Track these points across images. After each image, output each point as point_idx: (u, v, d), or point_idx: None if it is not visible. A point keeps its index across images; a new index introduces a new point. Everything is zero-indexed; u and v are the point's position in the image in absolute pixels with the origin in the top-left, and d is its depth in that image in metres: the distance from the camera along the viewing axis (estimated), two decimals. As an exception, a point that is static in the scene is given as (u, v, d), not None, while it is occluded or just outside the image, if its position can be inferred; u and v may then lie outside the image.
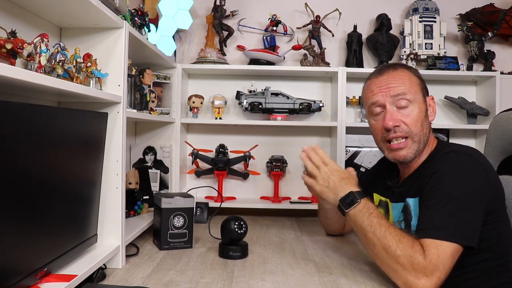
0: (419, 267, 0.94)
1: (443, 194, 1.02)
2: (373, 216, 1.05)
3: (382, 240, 1.00)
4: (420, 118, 1.14)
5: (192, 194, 1.43)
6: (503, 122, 1.29)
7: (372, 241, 1.03)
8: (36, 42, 0.86)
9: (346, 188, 1.12)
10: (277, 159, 2.03)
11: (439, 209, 1.00)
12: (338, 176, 1.16)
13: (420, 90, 1.17)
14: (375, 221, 1.03)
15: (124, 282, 1.06)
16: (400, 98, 1.13)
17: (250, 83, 2.05)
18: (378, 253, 1.02)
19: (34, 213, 0.84)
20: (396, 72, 1.17)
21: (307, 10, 2.11)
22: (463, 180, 1.03)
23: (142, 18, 1.43)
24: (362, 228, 1.05)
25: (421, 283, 0.93)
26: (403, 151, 1.14)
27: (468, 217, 0.99)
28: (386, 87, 1.15)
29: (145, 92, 1.48)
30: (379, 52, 2.07)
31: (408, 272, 0.95)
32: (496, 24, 2.05)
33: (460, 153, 1.08)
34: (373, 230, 1.02)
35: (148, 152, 1.87)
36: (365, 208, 1.07)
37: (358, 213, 1.07)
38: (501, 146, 1.31)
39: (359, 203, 1.08)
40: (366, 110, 1.24)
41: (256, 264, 1.23)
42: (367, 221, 1.05)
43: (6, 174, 0.73)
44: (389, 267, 0.99)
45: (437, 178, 1.05)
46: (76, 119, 0.99)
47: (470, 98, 2.10)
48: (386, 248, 0.99)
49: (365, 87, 1.24)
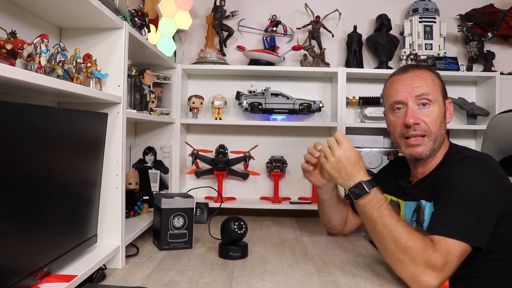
0: (428, 262, 0.95)
1: (457, 196, 1.04)
2: (384, 207, 1.06)
3: (392, 232, 1.01)
4: (439, 119, 1.17)
5: (192, 195, 1.43)
6: (501, 124, 1.29)
7: (381, 233, 1.03)
8: (36, 42, 0.86)
9: (357, 176, 1.13)
10: (277, 159, 2.03)
11: (452, 209, 1.02)
12: (349, 161, 1.15)
13: (441, 92, 1.20)
14: (386, 213, 1.04)
15: (124, 282, 1.06)
16: (422, 98, 1.16)
17: (250, 84, 2.05)
18: (386, 244, 1.02)
19: (34, 213, 0.84)
20: (420, 71, 1.21)
21: (307, 10, 2.11)
22: (477, 184, 1.05)
23: (142, 19, 1.43)
24: (371, 219, 1.07)
25: (427, 278, 0.95)
26: (419, 147, 1.16)
27: (480, 219, 1.01)
28: (410, 86, 1.18)
29: (145, 92, 1.49)
30: (379, 52, 2.07)
31: (416, 265, 0.96)
32: (496, 25, 2.05)
33: (476, 158, 1.11)
34: (383, 222, 1.03)
35: (148, 153, 1.87)
36: (375, 199, 1.08)
37: (368, 203, 1.08)
38: (499, 147, 1.31)
39: (368, 194, 1.09)
40: (387, 106, 1.26)
41: (256, 264, 1.23)
42: (377, 212, 1.06)
43: (6, 174, 0.73)
44: (397, 259, 1.00)
45: (453, 181, 1.07)
46: (76, 120, 0.99)
47: (470, 99, 2.10)
48: (397, 240, 0.99)
49: (388, 84, 1.26)
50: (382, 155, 1.96)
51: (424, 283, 0.95)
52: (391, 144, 2.08)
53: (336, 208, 1.48)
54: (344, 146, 1.18)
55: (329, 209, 1.48)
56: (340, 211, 1.49)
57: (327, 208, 1.48)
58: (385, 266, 1.23)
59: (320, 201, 1.48)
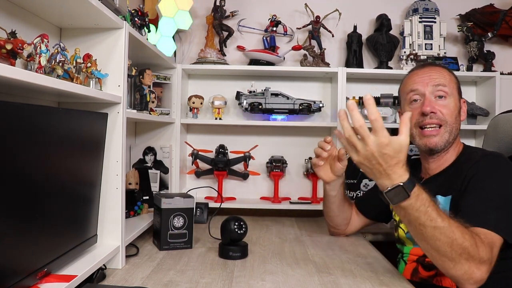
0: (481, 257, 0.94)
1: (490, 190, 1.06)
2: (431, 209, 0.94)
3: (447, 234, 0.92)
4: (455, 112, 1.21)
5: (192, 195, 1.43)
6: (501, 124, 1.30)
7: (433, 236, 0.93)
8: (36, 42, 0.86)
9: (393, 177, 0.92)
10: (277, 159, 2.03)
11: (487, 203, 1.03)
12: (385, 159, 0.91)
13: (457, 89, 1.25)
14: (434, 215, 0.93)
15: (124, 282, 1.06)
16: (439, 89, 1.20)
17: (250, 84, 2.05)
18: (440, 247, 0.94)
19: (34, 213, 0.84)
20: (438, 67, 1.26)
21: (307, 10, 2.11)
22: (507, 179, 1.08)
23: (142, 19, 1.43)
24: (418, 222, 0.94)
25: (479, 272, 0.93)
26: (435, 138, 1.18)
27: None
28: (428, 77, 1.22)
29: (145, 92, 1.49)
30: (379, 52, 2.07)
31: (471, 263, 0.93)
32: (496, 25, 2.05)
33: (497, 156, 1.15)
34: (433, 225, 0.93)
35: (148, 153, 1.87)
36: (419, 202, 0.93)
37: (410, 207, 0.93)
38: (499, 147, 1.32)
39: (410, 198, 0.92)
40: (404, 98, 1.28)
41: (256, 264, 1.23)
42: (424, 216, 0.93)
43: (6, 174, 0.73)
44: (451, 260, 0.94)
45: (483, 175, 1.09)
46: (76, 120, 0.99)
47: (470, 99, 2.10)
48: (452, 241, 0.92)
49: (406, 79, 1.30)
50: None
51: (477, 278, 0.94)
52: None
53: (341, 206, 1.47)
54: (382, 138, 0.90)
55: (335, 206, 1.47)
56: (345, 209, 1.49)
57: (333, 205, 1.46)
58: (385, 266, 1.23)
59: (326, 197, 1.47)
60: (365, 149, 0.92)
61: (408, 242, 1.28)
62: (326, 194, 1.47)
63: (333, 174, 1.39)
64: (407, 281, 1.11)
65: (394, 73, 2.00)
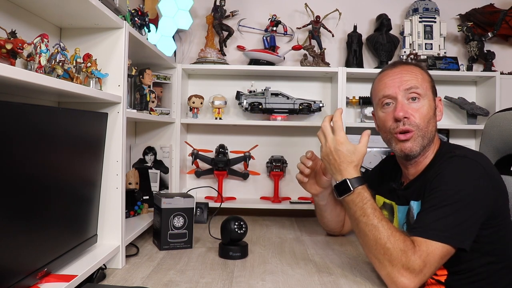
0: (406, 263, 0.94)
1: (441, 196, 1.02)
2: (367, 206, 1.04)
3: (373, 231, 1.01)
4: (429, 115, 1.15)
5: (192, 194, 1.43)
6: (498, 123, 1.30)
7: (363, 231, 1.03)
8: (36, 42, 0.86)
9: (344, 172, 1.10)
10: (277, 159, 2.03)
11: (434, 210, 1.00)
12: (338, 154, 1.10)
13: (430, 88, 1.19)
14: (369, 212, 1.03)
15: (124, 282, 1.06)
16: (412, 92, 1.14)
17: (250, 83, 2.05)
18: (367, 243, 1.03)
19: (34, 213, 0.84)
20: (409, 66, 1.20)
21: (307, 10, 2.11)
22: (462, 183, 1.02)
23: (142, 19, 1.43)
24: (354, 217, 1.07)
25: (404, 279, 0.95)
26: (409, 142, 1.14)
27: (463, 220, 0.98)
28: (399, 79, 1.16)
29: (145, 92, 1.49)
30: (379, 52, 2.07)
31: (393, 266, 0.96)
32: (496, 25, 2.05)
33: (463, 157, 1.07)
34: (365, 221, 1.03)
35: (148, 152, 1.87)
36: (358, 198, 1.06)
37: (351, 202, 1.07)
38: (497, 146, 1.31)
39: (352, 193, 1.07)
40: (376, 102, 1.23)
41: (256, 264, 1.23)
42: (360, 211, 1.05)
43: (6, 174, 0.73)
44: (376, 258, 1.01)
45: (438, 181, 1.05)
46: (76, 119, 0.99)
47: (470, 98, 2.10)
48: (376, 239, 1.00)
49: (376, 80, 1.24)
50: (382, 155, 1.96)
51: (400, 284, 0.95)
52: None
53: (333, 211, 1.47)
54: (338, 137, 1.11)
55: (327, 213, 1.48)
56: (337, 214, 1.49)
57: (325, 212, 1.48)
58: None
59: (317, 206, 1.48)
60: (326, 145, 1.13)
61: None
62: (316, 204, 1.48)
63: (320, 187, 1.40)
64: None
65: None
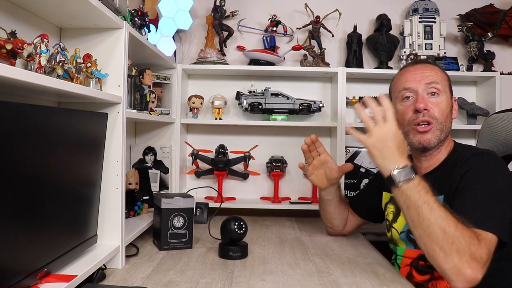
0: (474, 253, 0.91)
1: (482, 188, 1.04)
2: (430, 195, 0.99)
3: (440, 220, 0.95)
4: (447, 110, 1.20)
5: (192, 195, 1.43)
6: (496, 124, 1.30)
7: (427, 220, 0.96)
8: (36, 42, 0.86)
9: (401, 159, 1.03)
10: (277, 159, 2.03)
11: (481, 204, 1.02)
12: (395, 142, 1.04)
13: (449, 86, 1.24)
14: (433, 200, 0.98)
15: (124, 282, 1.06)
16: (432, 86, 1.19)
17: (250, 84, 2.05)
18: (432, 232, 0.95)
19: (34, 213, 0.84)
20: (430, 64, 1.26)
21: (307, 10, 2.11)
22: (498, 177, 1.07)
23: (142, 19, 1.43)
24: (416, 205, 0.98)
25: (471, 270, 0.91)
26: (428, 134, 1.17)
27: (505, 213, 1.02)
28: (421, 74, 1.20)
29: (145, 92, 1.49)
30: (379, 52, 2.07)
31: (462, 256, 0.91)
32: (496, 25, 2.05)
33: (488, 153, 1.14)
34: (430, 208, 0.96)
35: (148, 153, 1.87)
36: (420, 185, 1.00)
37: (413, 188, 1.00)
38: (494, 147, 1.32)
39: (414, 179, 1.00)
40: (395, 95, 1.26)
41: (256, 264, 1.23)
42: (423, 198, 0.98)
43: (6, 174, 0.73)
44: (441, 249, 0.94)
45: (473, 174, 1.07)
46: (76, 120, 0.99)
47: (470, 99, 2.10)
48: (445, 228, 0.94)
49: (397, 76, 1.28)
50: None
51: (468, 275, 0.90)
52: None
53: (338, 208, 1.48)
54: (390, 124, 1.04)
55: (332, 209, 1.48)
56: (342, 211, 1.50)
57: (329, 207, 1.48)
58: (385, 266, 1.23)
59: (322, 201, 1.49)
60: (380, 130, 1.04)
61: (401, 242, 1.27)
62: (322, 198, 1.48)
63: (328, 182, 1.42)
64: (407, 281, 1.11)
65: (394, 73, 1.97)
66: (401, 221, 1.26)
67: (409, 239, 1.23)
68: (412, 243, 1.22)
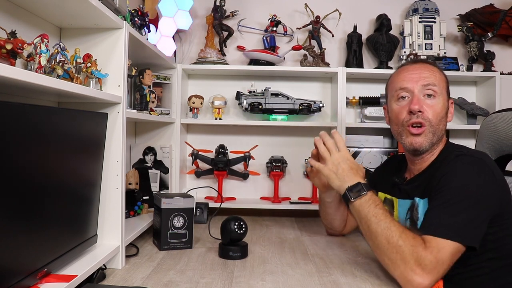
0: (418, 260, 0.94)
1: (449, 194, 1.03)
2: (379, 208, 1.07)
3: (385, 231, 1.02)
4: (442, 113, 1.18)
5: (192, 195, 1.43)
6: (495, 123, 1.30)
7: (375, 232, 1.04)
8: (36, 42, 0.86)
9: (354, 178, 1.15)
10: (277, 159, 2.03)
11: (444, 208, 1.02)
12: (348, 165, 1.18)
13: (446, 88, 1.22)
14: (380, 213, 1.06)
15: (124, 282, 1.06)
16: (429, 88, 1.17)
17: (250, 84, 2.05)
18: (379, 244, 1.03)
19: (34, 213, 0.84)
20: (429, 65, 1.23)
21: (307, 10, 2.11)
22: (470, 182, 1.04)
23: (142, 19, 1.43)
24: (366, 218, 1.07)
25: (417, 277, 0.94)
26: (420, 137, 1.16)
27: (472, 218, 1.00)
28: (418, 75, 1.19)
29: (145, 92, 1.49)
30: (379, 52, 2.07)
31: (406, 264, 0.96)
32: (496, 25, 2.05)
33: (470, 156, 1.10)
34: (377, 221, 1.04)
35: (148, 153, 1.87)
36: (371, 200, 1.09)
37: (365, 203, 1.09)
38: (493, 146, 1.32)
39: (365, 194, 1.10)
40: (391, 94, 1.25)
41: (256, 264, 1.23)
42: (372, 211, 1.06)
43: (6, 174, 0.73)
44: (389, 259, 1.00)
45: (446, 179, 1.06)
46: (76, 120, 0.99)
47: (470, 99, 2.10)
48: (389, 238, 1.00)
49: (395, 74, 1.26)
50: (382, 155, 1.96)
51: (415, 282, 0.94)
52: (391, 144, 2.08)
53: (338, 210, 1.48)
54: (343, 152, 1.21)
55: (332, 211, 1.48)
56: (342, 212, 1.49)
57: (330, 209, 1.48)
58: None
59: (323, 203, 1.48)
60: (333, 158, 1.20)
61: None
62: (322, 200, 1.48)
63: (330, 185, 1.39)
64: (407, 281, 1.11)
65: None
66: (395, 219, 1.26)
67: None
68: None
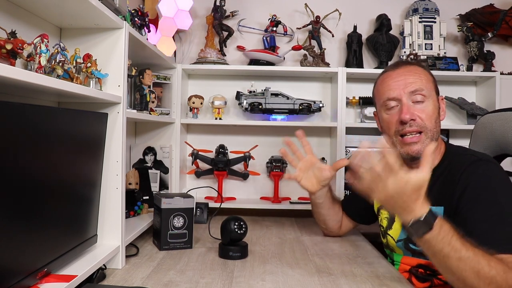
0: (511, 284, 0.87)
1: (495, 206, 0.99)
2: (454, 239, 0.90)
3: (473, 265, 0.88)
4: (434, 115, 1.14)
5: (192, 195, 1.43)
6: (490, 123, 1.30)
7: (458, 267, 0.89)
8: (36, 42, 0.86)
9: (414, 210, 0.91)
10: (277, 159, 2.02)
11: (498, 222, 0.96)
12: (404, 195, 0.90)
13: (434, 88, 1.17)
14: (458, 245, 0.89)
15: (124, 282, 1.06)
16: (417, 94, 1.12)
17: (250, 84, 2.05)
18: (466, 278, 0.89)
19: (34, 213, 0.84)
20: (411, 67, 1.17)
21: (307, 10, 2.11)
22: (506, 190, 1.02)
23: (142, 19, 1.43)
24: (441, 254, 0.90)
25: None
26: (416, 145, 1.11)
27: None
28: (404, 82, 1.14)
29: (145, 92, 1.49)
30: (379, 52, 2.07)
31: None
32: (496, 25, 2.05)
33: (486, 161, 1.07)
34: (458, 256, 0.89)
35: (148, 153, 1.87)
36: (441, 233, 0.90)
37: (433, 239, 0.90)
38: (489, 146, 1.31)
39: (432, 230, 0.90)
40: (379, 104, 1.20)
41: (256, 264, 1.23)
42: (448, 247, 0.89)
43: (6, 174, 0.73)
44: None
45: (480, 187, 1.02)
46: (76, 120, 0.99)
47: (470, 99, 2.10)
48: (479, 271, 0.87)
49: (379, 81, 1.22)
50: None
51: None
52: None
53: (331, 209, 1.46)
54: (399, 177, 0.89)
55: (325, 211, 1.46)
56: (336, 212, 1.48)
57: (322, 210, 1.45)
58: (385, 266, 1.23)
59: (314, 204, 1.46)
60: (386, 190, 0.91)
61: (398, 250, 1.23)
62: (313, 202, 1.45)
63: (319, 184, 1.37)
64: (407, 281, 1.11)
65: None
66: (397, 227, 1.23)
67: (407, 248, 1.19)
68: (410, 252, 1.19)
